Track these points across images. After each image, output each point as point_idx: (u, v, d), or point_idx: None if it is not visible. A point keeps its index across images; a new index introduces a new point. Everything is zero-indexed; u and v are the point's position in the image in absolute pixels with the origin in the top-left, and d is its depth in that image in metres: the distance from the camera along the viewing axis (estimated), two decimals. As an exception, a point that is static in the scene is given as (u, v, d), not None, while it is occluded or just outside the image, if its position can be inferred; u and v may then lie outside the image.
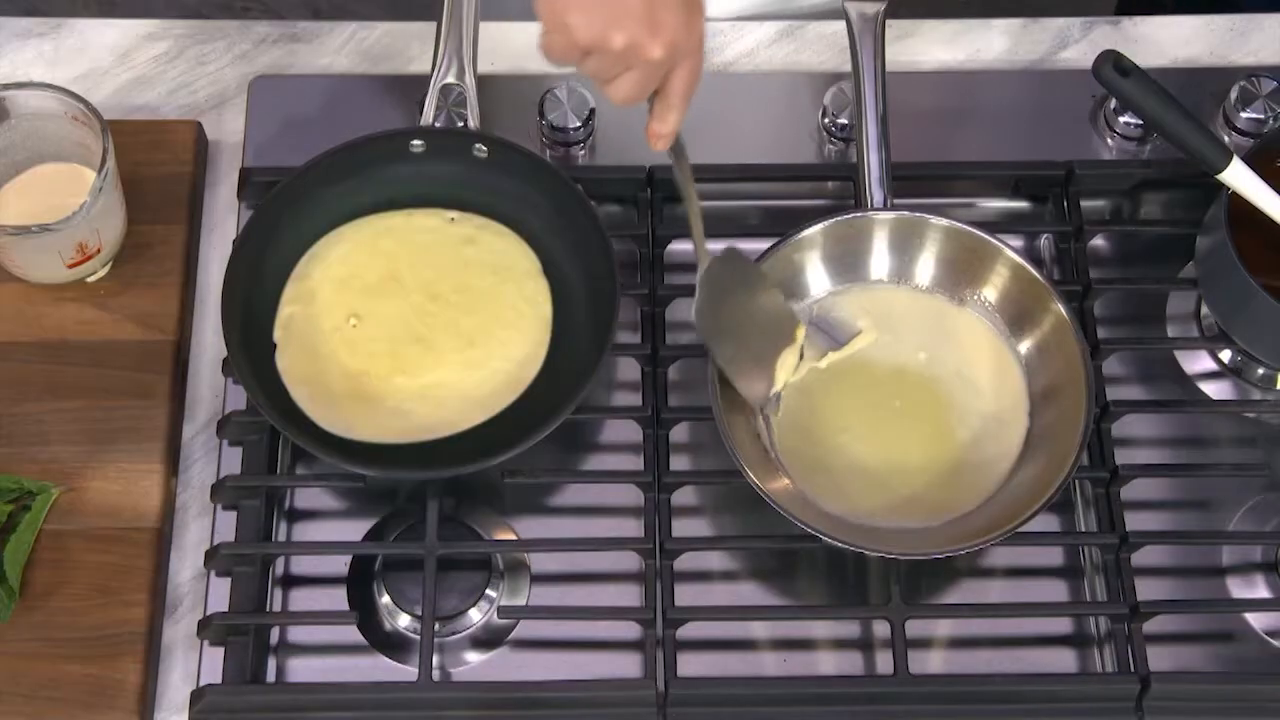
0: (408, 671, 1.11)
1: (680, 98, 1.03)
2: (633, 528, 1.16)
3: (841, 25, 1.22)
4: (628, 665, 1.13)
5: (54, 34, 1.34)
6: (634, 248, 1.24)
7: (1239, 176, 1.15)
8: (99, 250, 1.20)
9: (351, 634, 1.13)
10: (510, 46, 1.33)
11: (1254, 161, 1.16)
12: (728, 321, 1.14)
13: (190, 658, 1.13)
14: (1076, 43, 1.36)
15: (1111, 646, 1.13)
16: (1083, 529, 1.18)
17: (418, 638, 1.11)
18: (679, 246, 1.24)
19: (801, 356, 1.17)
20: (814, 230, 1.18)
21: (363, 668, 1.13)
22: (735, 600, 1.16)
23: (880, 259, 1.21)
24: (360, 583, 1.15)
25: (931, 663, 1.14)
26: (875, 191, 1.18)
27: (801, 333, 1.17)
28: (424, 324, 1.19)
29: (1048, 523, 1.18)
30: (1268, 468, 1.18)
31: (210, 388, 1.22)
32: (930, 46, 1.36)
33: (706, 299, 1.13)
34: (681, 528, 1.15)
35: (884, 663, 1.13)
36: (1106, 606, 1.14)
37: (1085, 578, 1.17)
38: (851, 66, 1.20)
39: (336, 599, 1.15)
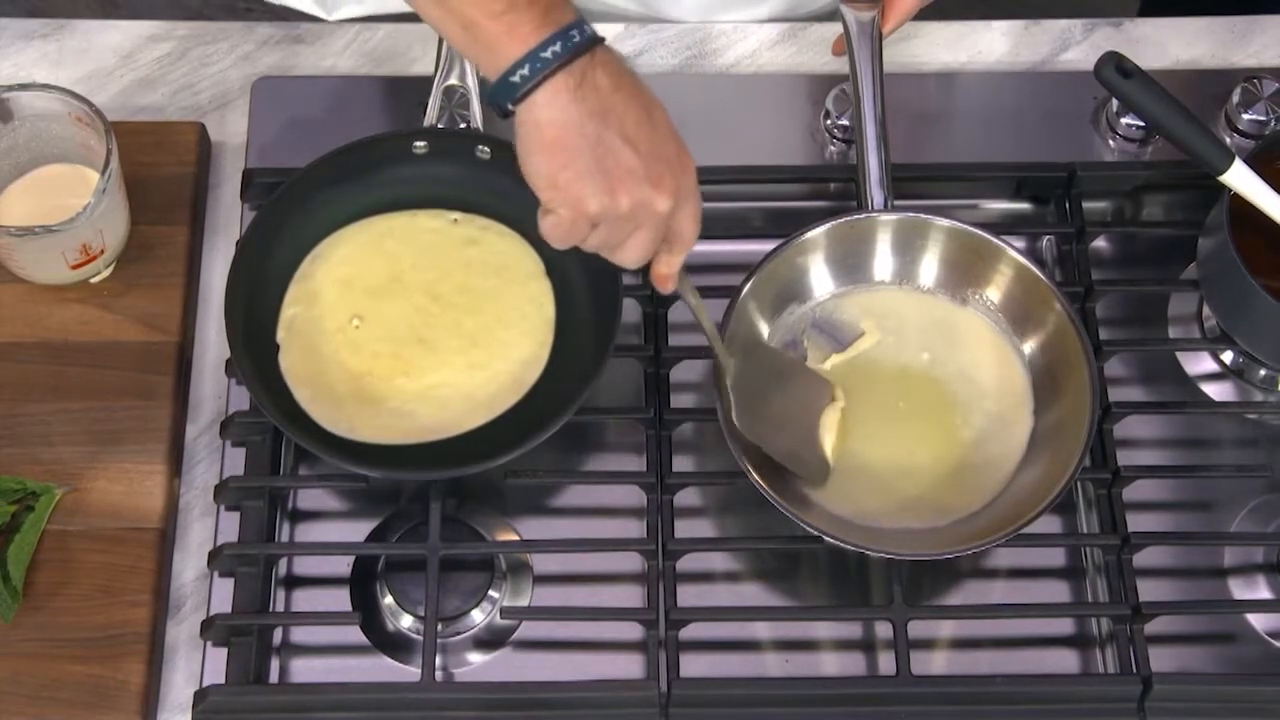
0: (410, 672, 1.12)
1: (686, 242, 1.02)
2: (635, 529, 1.16)
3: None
4: (630, 666, 1.13)
5: (57, 35, 1.34)
6: (636, 249, 1.24)
7: (1241, 178, 1.15)
8: (102, 251, 1.20)
9: (354, 634, 1.13)
10: (513, 48, 1.33)
11: (1256, 163, 1.16)
12: (769, 416, 1.14)
13: (193, 658, 1.13)
14: (1078, 44, 1.36)
15: (1113, 647, 1.13)
16: (1085, 530, 1.18)
17: (420, 638, 1.11)
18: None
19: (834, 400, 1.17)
20: (817, 232, 1.18)
21: (365, 668, 1.13)
22: (738, 601, 1.16)
23: (883, 260, 1.21)
24: (363, 583, 1.15)
25: (934, 663, 1.14)
26: (875, 193, 1.18)
27: (840, 394, 1.16)
28: (427, 325, 1.19)
29: (1050, 524, 1.18)
30: (1269, 469, 1.18)
31: (213, 388, 1.22)
32: (932, 48, 1.36)
33: (742, 404, 1.13)
34: (684, 529, 1.15)
35: (886, 663, 1.13)
36: (1108, 607, 1.14)
37: (1087, 579, 1.17)
38: (849, 69, 1.20)
39: (339, 599, 1.15)
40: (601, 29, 1.34)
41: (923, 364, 1.19)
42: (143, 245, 1.24)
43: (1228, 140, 1.29)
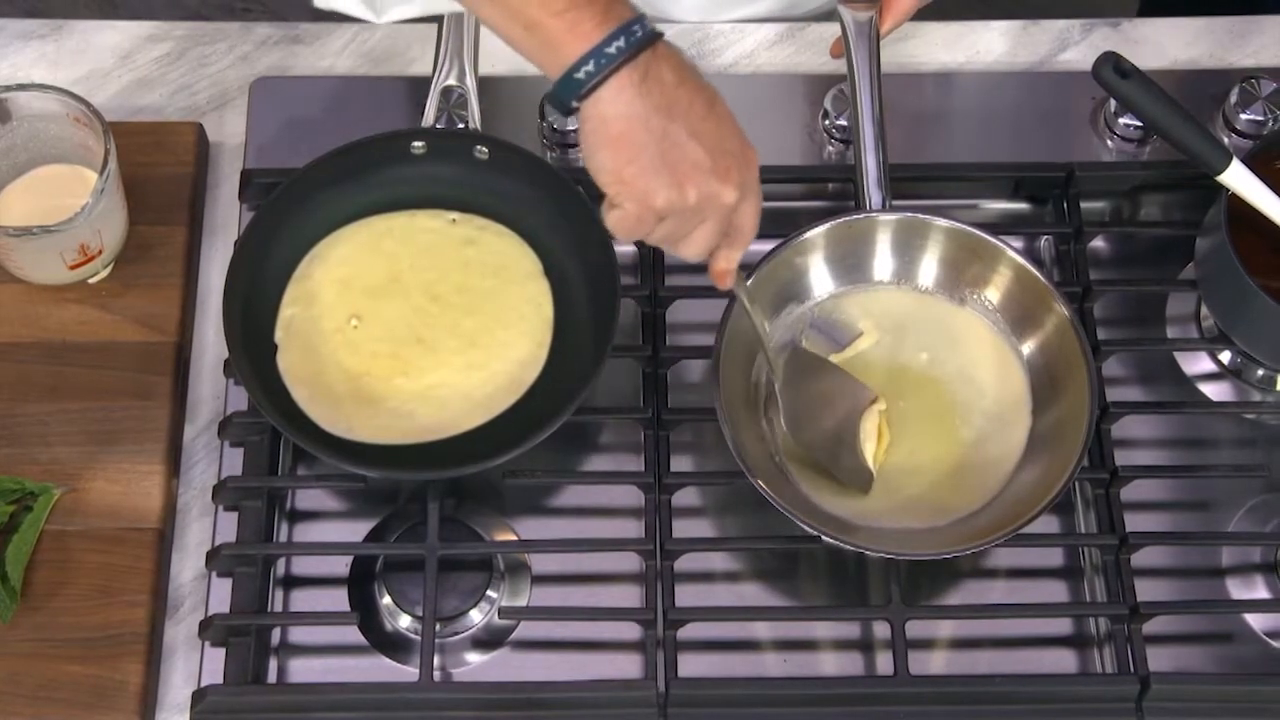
0: (409, 672, 1.12)
1: (747, 237, 1.02)
2: (633, 529, 1.16)
3: (841, 27, 1.22)
4: (628, 666, 1.13)
5: (56, 35, 1.34)
6: (635, 249, 1.24)
7: (1238, 178, 1.15)
8: (100, 251, 1.20)
9: (352, 635, 1.13)
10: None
11: (1253, 163, 1.16)
12: (815, 422, 1.14)
13: (191, 658, 1.13)
14: (1076, 44, 1.36)
15: (1111, 647, 1.13)
16: (1083, 530, 1.18)
17: (419, 638, 1.11)
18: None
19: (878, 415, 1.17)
20: (816, 232, 1.18)
21: (364, 668, 1.13)
22: (736, 601, 1.16)
23: (882, 260, 1.21)
24: (361, 583, 1.15)
25: (932, 663, 1.14)
26: (873, 193, 1.18)
27: (881, 403, 1.16)
28: (425, 325, 1.19)
29: (1048, 524, 1.18)
30: (1267, 469, 1.19)
31: (211, 389, 1.22)
32: (930, 48, 1.36)
33: (790, 411, 1.14)
34: (682, 528, 1.15)
35: (884, 663, 1.13)
36: (1106, 607, 1.14)
37: (1085, 579, 1.17)
38: (847, 70, 1.20)
39: (338, 600, 1.15)
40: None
41: (921, 364, 1.19)
42: (141, 245, 1.24)
43: (1226, 140, 1.29)
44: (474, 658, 1.14)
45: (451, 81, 1.23)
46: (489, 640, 1.14)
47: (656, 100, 0.95)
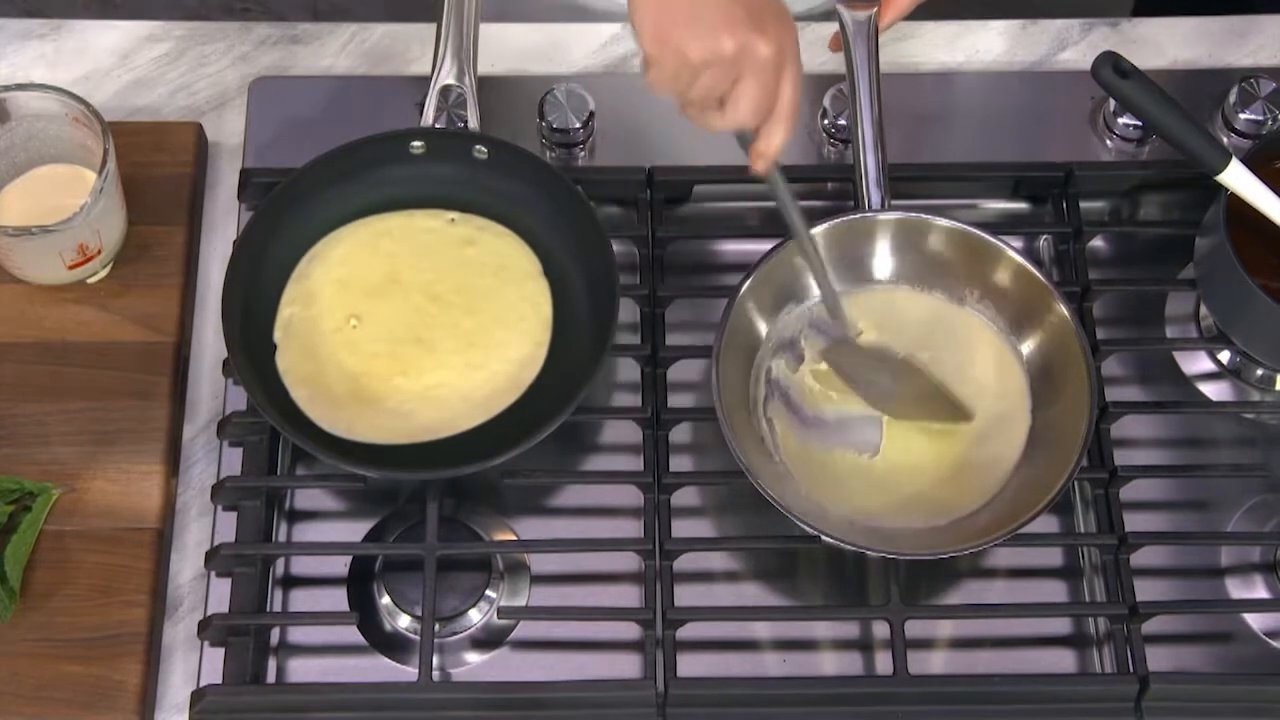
0: (408, 672, 1.12)
1: (791, 108, 1.01)
2: (633, 528, 1.16)
3: (840, 27, 1.22)
4: (627, 666, 1.13)
5: (55, 35, 1.34)
6: (634, 249, 1.24)
7: (1238, 178, 1.15)
8: (99, 251, 1.20)
9: (351, 634, 1.13)
10: (511, 47, 1.33)
11: (1253, 163, 1.16)
12: (858, 366, 1.16)
13: (190, 658, 1.13)
14: (1075, 44, 1.36)
15: (1110, 647, 1.13)
16: (1082, 530, 1.18)
17: (418, 638, 1.11)
18: (678, 248, 1.24)
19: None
20: (815, 232, 1.17)
21: (363, 668, 1.13)
22: (735, 601, 1.16)
23: (882, 260, 1.21)
24: (360, 583, 1.15)
25: (931, 663, 1.14)
26: (873, 193, 1.18)
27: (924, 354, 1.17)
28: (424, 325, 1.19)
29: (1047, 523, 1.18)
30: (1266, 468, 1.19)
31: (210, 388, 1.22)
32: (929, 48, 1.36)
33: (837, 341, 1.15)
34: (681, 528, 1.15)
35: (883, 663, 1.13)
36: (1105, 607, 1.14)
37: (1084, 578, 1.17)
38: (846, 69, 1.20)
39: (337, 600, 1.15)
40: (600, 29, 1.36)
41: (920, 364, 1.19)
42: (140, 245, 1.24)
43: (1225, 140, 1.29)
44: (473, 658, 1.14)
45: (450, 81, 1.23)
46: (488, 640, 1.14)
47: None
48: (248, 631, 1.12)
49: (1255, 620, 1.16)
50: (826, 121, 1.29)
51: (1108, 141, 1.31)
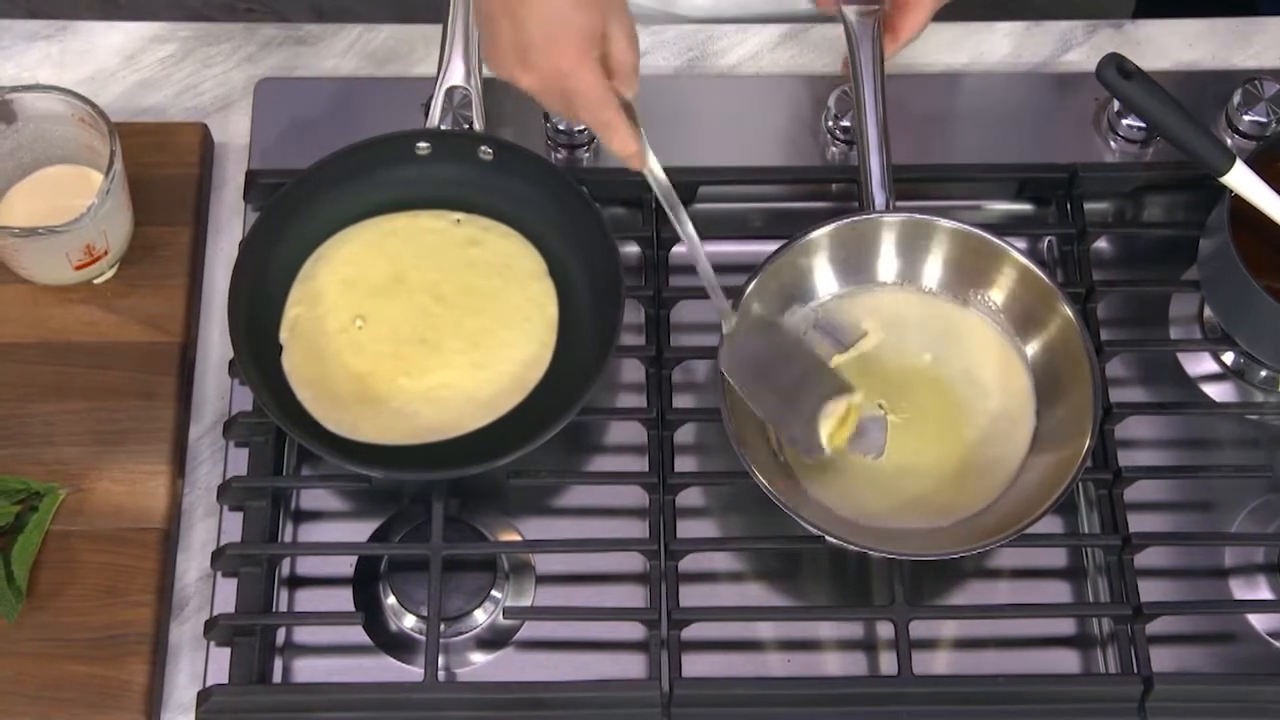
0: (413, 672, 1.12)
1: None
2: (637, 529, 1.16)
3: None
4: (632, 666, 1.13)
5: (60, 36, 1.34)
6: (639, 249, 1.25)
7: (1241, 179, 1.15)
8: (106, 252, 1.21)
9: (357, 634, 1.13)
10: (515, 49, 1.33)
11: (1257, 164, 1.16)
12: (767, 378, 1.14)
13: (196, 658, 1.13)
14: (1080, 45, 1.36)
15: (1114, 648, 1.13)
16: (1086, 530, 1.18)
17: (423, 638, 1.12)
18: (683, 249, 1.24)
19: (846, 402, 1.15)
20: (820, 233, 1.18)
21: (368, 668, 1.13)
22: (740, 601, 1.16)
23: (886, 261, 1.21)
24: (366, 583, 1.16)
25: (935, 663, 1.14)
26: (877, 194, 1.18)
27: (857, 396, 1.14)
28: (429, 325, 1.19)
29: (1051, 524, 1.18)
30: (1270, 469, 1.19)
31: (216, 389, 1.22)
32: (934, 49, 1.36)
33: (740, 359, 1.14)
34: (686, 529, 1.16)
35: (888, 663, 1.13)
36: (1109, 608, 1.14)
37: (1088, 579, 1.17)
38: (850, 70, 1.20)
39: (342, 600, 1.15)
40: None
41: (925, 365, 1.19)
42: (146, 246, 1.24)
43: (1229, 141, 1.29)
44: (478, 658, 1.14)
45: (456, 82, 1.23)
46: (493, 640, 1.14)
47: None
48: (253, 631, 1.12)
49: (1259, 621, 1.16)
50: (831, 123, 1.29)
51: (1112, 143, 1.31)
